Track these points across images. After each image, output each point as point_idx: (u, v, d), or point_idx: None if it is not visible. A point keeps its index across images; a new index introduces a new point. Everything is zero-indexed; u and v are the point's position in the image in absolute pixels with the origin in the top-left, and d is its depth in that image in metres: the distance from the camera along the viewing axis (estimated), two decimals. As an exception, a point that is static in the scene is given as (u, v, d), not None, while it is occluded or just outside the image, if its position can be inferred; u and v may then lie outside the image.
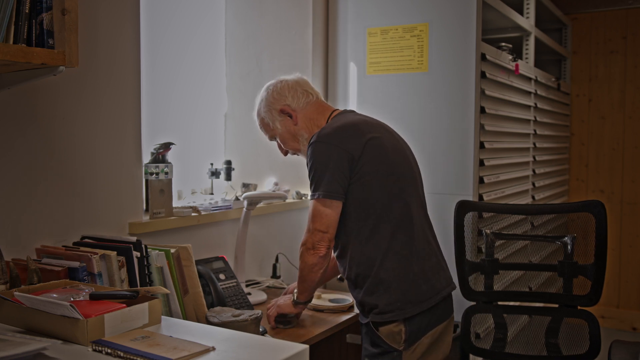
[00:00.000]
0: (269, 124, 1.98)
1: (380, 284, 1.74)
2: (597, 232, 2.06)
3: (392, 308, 1.72)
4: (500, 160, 2.92)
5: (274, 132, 1.99)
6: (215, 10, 2.79)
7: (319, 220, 1.75)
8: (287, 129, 1.95)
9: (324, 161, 1.74)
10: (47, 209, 1.76)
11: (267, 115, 1.98)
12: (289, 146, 1.99)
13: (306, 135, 1.93)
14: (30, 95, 1.70)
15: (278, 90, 1.98)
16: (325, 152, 1.75)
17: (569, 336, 2.17)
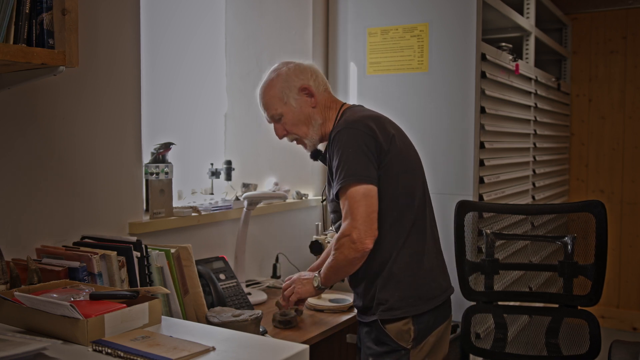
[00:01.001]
0: (282, 98, 1.84)
1: (392, 279, 1.72)
2: (597, 232, 2.06)
3: (403, 304, 1.70)
4: (500, 160, 2.92)
5: (283, 110, 1.84)
6: (215, 10, 2.79)
7: (367, 208, 1.64)
8: (302, 109, 1.84)
9: (359, 146, 1.67)
10: (47, 209, 1.76)
11: (283, 89, 1.84)
12: (295, 129, 1.86)
13: (320, 121, 1.85)
14: (30, 95, 1.70)
15: (300, 68, 1.87)
16: (359, 138, 1.68)
17: (569, 336, 2.17)
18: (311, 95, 1.84)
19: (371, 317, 1.75)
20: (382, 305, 1.72)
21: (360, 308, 1.81)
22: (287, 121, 1.85)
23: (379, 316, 1.72)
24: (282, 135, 1.89)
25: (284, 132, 1.89)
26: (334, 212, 1.84)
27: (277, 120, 1.88)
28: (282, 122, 1.86)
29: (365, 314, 1.78)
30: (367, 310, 1.78)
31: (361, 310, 1.81)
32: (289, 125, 1.86)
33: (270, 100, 1.87)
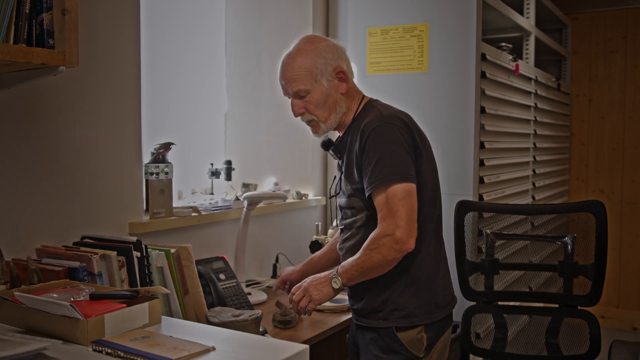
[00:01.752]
0: (315, 75, 1.68)
1: (412, 284, 1.66)
2: (597, 232, 2.06)
3: (420, 312, 1.65)
4: (500, 160, 2.92)
5: (312, 88, 1.69)
6: (215, 10, 2.79)
7: (411, 208, 1.57)
8: (330, 93, 1.70)
9: (401, 143, 1.60)
10: (47, 209, 1.76)
11: (317, 65, 1.68)
12: (318, 111, 1.71)
13: (344, 110, 1.73)
14: (30, 95, 1.70)
15: (337, 49, 1.73)
16: (400, 135, 1.61)
17: (569, 336, 2.17)
18: (344, 80, 1.72)
19: (380, 322, 1.67)
20: (399, 312, 1.65)
21: (364, 311, 1.72)
22: (312, 100, 1.70)
23: (395, 323, 1.64)
24: (300, 113, 1.74)
25: (302, 110, 1.73)
26: (350, 208, 1.73)
27: (300, 97, 1.71)
28: (305, 99, 1.71)
29: (368, 318, 1.70)
30: (371, 314, 1.69)
31: (363, 314, 1.72)
32: (313, 105, 1.71)
33: (299, 74, 1.69)
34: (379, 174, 1.58)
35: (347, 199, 1.72)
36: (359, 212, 1.69)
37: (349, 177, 1.70)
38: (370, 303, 1.69)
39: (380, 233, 1.58)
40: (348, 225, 1.75)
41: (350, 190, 1.70)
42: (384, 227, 1.57)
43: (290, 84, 1.71)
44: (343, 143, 1.76)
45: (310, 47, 1.71)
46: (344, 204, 1.74)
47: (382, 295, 1.67)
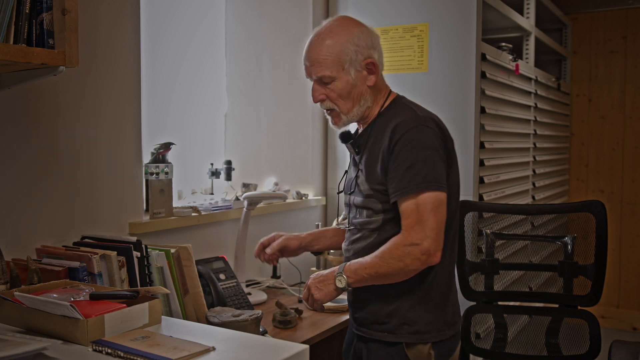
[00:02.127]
0: (343, 63, 1.56)
1: (427, 299, 1.58)
2: (597, 232, 2.06)
3: (431, 329, 1.58)
4: (500, 160, 2.92)
5: (338, 76, 1.57)
6: (215, 10, 2.79)
7: (441, 219, 1.50)
8: (358, 84, 1.59)
9: (437, 149, 1.52)
10: (47, 209, 1.76)
11: (347, 52, 1.56)
12: (340, 102, 1.60)
13: (369, 103, 1.62)
14: (30, 95, 1.70)
15: (372, 36, 1.61)
16: (436, 140, 1.53)
17: (569, 336, 2.17)
18: (373, 72, 1.60)
19: (385, 335, 1.60)
20: (408, 327, 1.57)
21: (365, 321, 1.64)
22: (336, 89, 1.59)
23: (405, 339, 1.57)
24: (320, 100, 1.62)
25: (323, 96, 1.61)
26: (365, 208, 1.62)
27: (324, 82, 1.60)
28: (328, 86, 1.59)
29: (371, 329, 1.62)
30: (374, 325, 1.62)
31: (365, 324, 1.64)
32: (336, 94, 1.59)
33: (327, 59, 1.56)
34: (411, 179, 1.50)
35: (363, 199, 1.62)
36: (375, 214, 1.60)
37: (370, 176, 1.60)
38: (373, 313, 1.62)
39: (406, 241, 1.49)
40: (360, 225, 1.65)
41: (369, 190, 1.60)
42: (410, 235, 1.49)
43: (314, 67, 1.59)
44: (364, 138, 1.66)
45: (342, 31, 1.58)
46: (359, 203, 1.64)
47: (389, 307, 1.59)
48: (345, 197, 1.75)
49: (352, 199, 1.68)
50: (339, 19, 1.64)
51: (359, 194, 1.64)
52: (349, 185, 1.72)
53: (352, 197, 1.68)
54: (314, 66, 1.59)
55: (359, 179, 1.64)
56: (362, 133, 1.68)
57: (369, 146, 1.62)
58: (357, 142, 1.67)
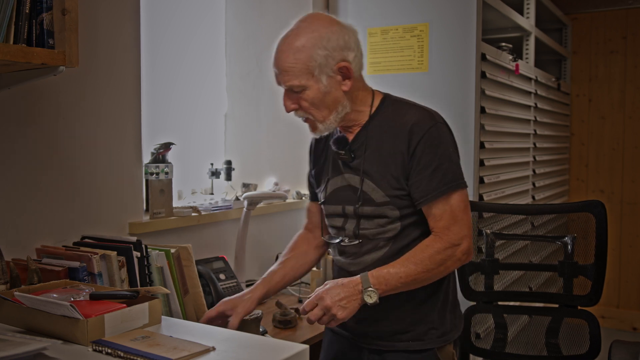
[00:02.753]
0: (312, 70, 1.43)
1: (447, 299, 1.57)
2: (597, 232, 2.06)
3: (452, 327, 1.57)
4: (500, 160, 2.92)
5: (309, 84, 1.44)
6: (215, 10, 2.79)
7: (470, 216, 1.49)
8: (332, 91, 1.46)
9: (455, 146, 1.51)
10: (47, 209, 1.76)
11: (316, 58, 1.42)
12: (314, 110, 1.48)
13: (348, 108, 1.50)
14: (30, 95, 1.70)
15: (344, 35, 1.46)
16: (452, 137, 1.51)
17: (569, 336, 2.17)
18: (347, 77, 1.47)
19: (410, 344, 1.53)
20: (435, 331, 1.53)
21: (385, 333, 1.55)
22: (308, 98, 1.46)
23: (434, 344, 1.53)
24: (292, 109, 1.50)
25: (295, 106, 1.49)
26: (380, 217, 1.51)
27: (295, 91, 1.47)
28: (300, 95, 1.47)
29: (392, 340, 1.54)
30: (396, 335, 1.54)
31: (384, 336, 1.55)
32: (308, 103, 1.47)
33: (295, 66, 1.43)
34: (440, 180, 1.44)
35: (376, 207, 1.51)
36: (392, 222, 1.51)
37: (383, 182, 1.50)
38: (395, 324, 1.54)
39: (447, 243, 1.44)
40: (371, 236, 1.54)
41: (384, 197, 1.49)
42: (449, 237, 1.44)
43: (282, 75, 1.46)
44: (359, 143, 1.55)
45: (310, 33, 1.43)
46: (370, 212, 1.52)
47: (414, 315, 1.53)
48: (331, 208, 1.61)
49: (354, 209, 1.54)
50: (307, 19, 1.48)
51: (369, 202, 1.51)
52: (340, 194, 1.58)
53: (352, 207, 1.54)
54: (282, 75, 1.46)
55: (365, 186, 1.52)
56: (356, 138, 1.55)
57: (372, 150, 1.52)
58: (352, 148, 1.55)
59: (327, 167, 1.63)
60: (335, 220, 1.61)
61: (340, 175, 1.58)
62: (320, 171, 1.67)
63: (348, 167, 1.57)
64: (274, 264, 1.71)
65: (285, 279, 1.67)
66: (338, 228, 1.61)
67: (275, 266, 1.69)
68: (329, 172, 1.62)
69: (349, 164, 1.56)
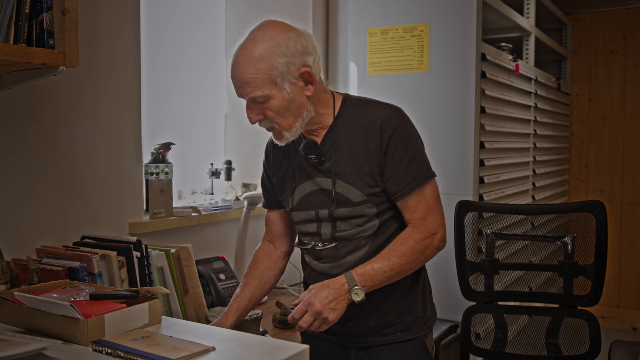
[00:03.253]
0: (274, 79, 1.40)
1: (426, 287, 1.64)
2: (597, 232, 2.06)
3: (432, 313, 1.64)
4: (500, 160, 2.92)
5: (272, 94, 1.42)
6: (215, 10, 2.79)
7: (441, 206, 1.54)
8: (295, 98, 1.44)
9: (420, 139, 1.55)
10: (47, 209, 1.76)
11: (280, 66, 1.40)
12: (279, 119, 1.46)
13: (313, 113, 1.50)
14: (30, 95, 1.70)
15: (301, 40, 1.44)
16: (416, 130, 1.55)
17: (569, 336, 2.17)
18: (310, 82, 1.46)
19: (398, 335, 1.56)
20: (420, 319, 1.59)
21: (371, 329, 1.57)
22: (273, 108, 1.44)
23: (420, 331, 1.58)
24: (257, 120, 1.48)
25: (260, 116, 1.46)
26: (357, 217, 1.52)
27: (258, 102, 1.44)
28: (264, 105, 1.44)
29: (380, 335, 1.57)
30: (383, 330, 1.56)
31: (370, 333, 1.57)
32: (273, 112, 1.45)
33: (257, 77, 1.40)
34: (415, 173, 1.49)
35: (353, 208, 1.51)
36: (370, 220, 1.52)
37: (358, 182, 1.50)
38: (383, 318, 1.55)
39: (425, 233, 1.48)
40: (349, 237, 1.54)
41: (361, 196, 1.50)
42: (426, 227, 1.49)
43: (244, 87, 1.43)
44: (326, 146, 1.54)
45: (268, 42, 1.40)
46: (346, 213, 1.52)
47: (401, 306, 1.56)
48: (302, 214, 1.59)
49: (328, 212, 1.54)
50: (261, 28, 1.45)
51: (345, 203, 1.52)
52: (311, 199, 1.57)
53: (327, 210, 1.54)
54: (244, 87, 1.43)
55: (339, 187, 1.52)
56: (324, 140, 1.55)
57: (342, 151, 1.52)
58: (321, 151, 1.54)
59: (291, 173, 1.61)
60: (308, 226, 1.60)
61: (310, 180, 1.57)
62: (282, 178, 1.65)
63: (318, 170, 1.56)
64: (238, 288, 1.68)
65: (253, 299, 1.65)
66: (312, 234, 1.59)
67: (239, 290, 1.66)
68: (295, 178, 1.60)
69: (319, 167, 1.55)
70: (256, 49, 1.40)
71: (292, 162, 1.61)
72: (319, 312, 1.40)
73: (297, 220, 1.62)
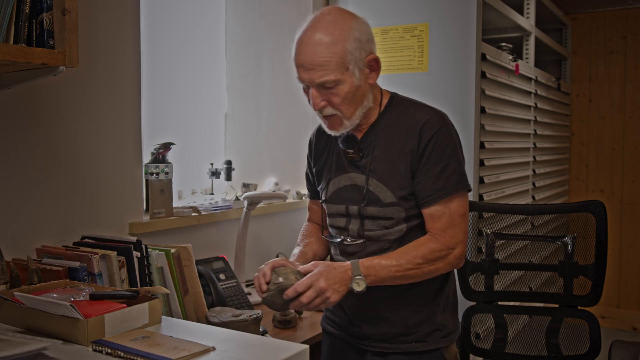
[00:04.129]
0: (347, 63, 1.39)
1: (449, 299, 1.57)
2: (597, 232, 2.06)
3: (455, 327, 1.57)
4: (500, 160, 2.92)
5: (343, 78, 1.40)
6: (215, 10, 2.79)
7: (467, 224, 1.46)
8: (362, 85, 1.44)
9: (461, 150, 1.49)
10: (47, 209, 1.76)
11: (353, 50, 1.39)
12: (345, 107, 1.43)
13: (371, 103, 1.49)
14: (30, 95, 1.70)
15: (369, 29, 1.45)
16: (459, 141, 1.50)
17: (569, 336, 2.17)
18: (375, 69, 1.46)
19: (415, 345, 1.51)
20: (439, 332, 1.53)
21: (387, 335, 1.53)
22: (341, 93, 1.41)
23: (440, 344, 1.52)
24: (323, 106, 1.44)
25: (325, 103, 1.43)
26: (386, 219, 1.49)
27: (325, 87, 1.41)
28: (331, 91, 1.41)
29: (394, 342, 1.52)
30: (399, 337, 1.52)
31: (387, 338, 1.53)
32: (340, 99, 1.42)
33: (330, 62, 1.37)
34: (447, 182, 1.43)
35: (382, 208, 1.48)
36: (398, 224, 1.49)
37: (391, 182, 1.47)
38: (399, 325, 1.52)
39: (443, 245, 1.43)
40: (375, 237, 1.51)
41: (393, 198, 1.47)
42: (446, 240, 1.43)
43: (315, 71, 1.39)
44: (367, 142, 1.52)
45: (340, 26, 1.39)
46: (376, 213, 1.49)
47: (418, 316, 1.51)
48: (333, 207, 1.58)
49: (358, 209, 1.52)
50: (331, 12, 1.43)
51: (375, 202, 1.49)
52: (343, 193, 1.55)
53: (357, 207, 1.52)
54: (314, 71, 1.39)
55: (372, 185, 1.49)
56: (365, 136, 1.53)
57: (380, 150, 1.50)
58: (360, 147, 1.53)
59: (329, 165, 1.60)
60: (337, 220, 1.59)
61: (345, 174, 1.55)
62: (321, 169, 1.64)
63: (354, 165, 1.54)
64: (296, 248, 1.66)
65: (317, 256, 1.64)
66: (340, 228, 1.58)
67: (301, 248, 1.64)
68: (332, 170, 1.59)
69: (356, 162, 1.53)
70: (330, 33, 1.38)
71: (332, 155, 1.60)
72: (323, 290, 1.35)
73: (329, 212, 1.61)
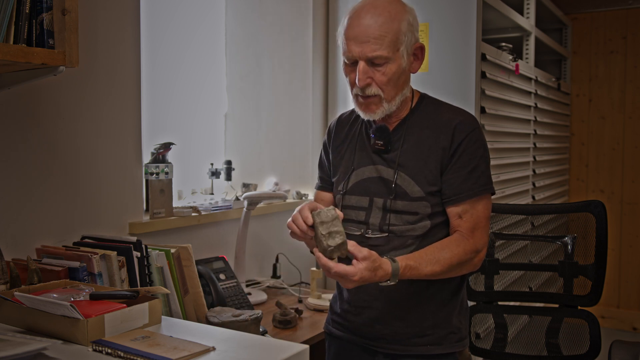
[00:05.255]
0: (399, 44, 1.38)
1: (462, 303, 1.56)
2: (597, 232, 2.06)
3: (466, 332, 1.55)
4: (500, 160, 2.92)
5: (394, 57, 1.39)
6: (215, 10, 2.79)
7: (489, 226, 1.47)
8: (406, 70, 1.45)
9: (489, 154, 1.50)
10: (47, 209, 1.76)
11: (407, 32, 1.39)
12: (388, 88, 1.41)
13: (408, 93, 1.50)
14: (30, 95, 1.70)
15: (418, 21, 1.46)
16: (487, 145, 1.51)
17: (569, 336, 2.17)
18: (418, 59, 1.46)
19: (429, 348, 1.48)
20: (454, 335, 1.50)
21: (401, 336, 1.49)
22: (388, 73, 1.39)
23: (454, 348, 1.50)
24: (367, 84, 1.41)
25: (370, 80, 1.40)
26: (411, 213, 1.46)
27: (375, 64, 1.39)
28: (378, 69, 1.39)
29: (408, 344, 1.49)
30: (414, 339, 1.49)
31: (402, 339, 1.49)
32: (386, 78, 1.40)
33: (385, 37, 1.36)
34: (475, 182, 1.43)
35: (409, 202, 1.46)
36: (422, 220, 1.46)
37: (423, 177, 1.45)
38: (415, 326, 1.49)
39: (473, 246, 1.41)
40: (398, 232, 1.48)
41: (420, 192, 1.45)
42: (475, 241, 1.42)
43: (368, 44, 1.36)
44: (397, 136, 1.50)
45: (397, 7, 1.38)
46: (401, 207, 1.47)
47: (434, 318, 1.49)
48: (354, 199, 1.53)
49: (384, 202, 1.48)
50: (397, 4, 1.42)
51: (402, 196, 1.46)
52: (367, 185, 1.51)
53: (382, 200, 1.48)
54: (368, 44, 1.36)
55: (400, 179, 1.47)
56: (394, 131, 1.51)
57: (410, 145, 1.48)
58: (391, 140, 1.50)
59: (350, 155, 1.57)
60: (356, 213, 1.53)
61: (372, 166, 1.52)
62: (340, 159, 1.59)
63: (382, 158, 1.51)
64: None
65: None
66: (359, 222, 1.52)
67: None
68: (354, 161, 1.55)
69: (383, 155, 1.50)
70: (386, 12, 1.37)
71: (354, 146, 1.56)
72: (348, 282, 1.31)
73: (346, 204, 1.54)
